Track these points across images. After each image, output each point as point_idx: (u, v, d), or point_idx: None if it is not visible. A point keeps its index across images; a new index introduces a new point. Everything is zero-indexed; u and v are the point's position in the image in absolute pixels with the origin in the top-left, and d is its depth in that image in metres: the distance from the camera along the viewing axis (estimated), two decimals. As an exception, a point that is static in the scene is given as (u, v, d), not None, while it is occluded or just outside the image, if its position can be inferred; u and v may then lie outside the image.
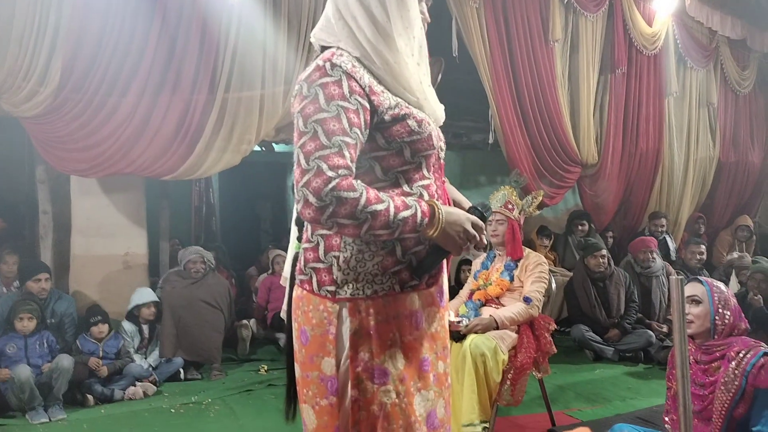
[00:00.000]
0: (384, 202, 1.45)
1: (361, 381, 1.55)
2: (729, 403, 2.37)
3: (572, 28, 6.38)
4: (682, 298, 1.77)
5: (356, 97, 1.51)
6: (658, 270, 5.70)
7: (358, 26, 1.57)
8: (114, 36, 4.46)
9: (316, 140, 1.46)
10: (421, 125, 1.59)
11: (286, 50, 4.96)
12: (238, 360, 5.42)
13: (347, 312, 1.56)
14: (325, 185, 1.41)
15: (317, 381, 1.61)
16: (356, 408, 1.56)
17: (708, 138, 7.86)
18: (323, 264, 1.59)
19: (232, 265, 7.31)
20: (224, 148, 4.84)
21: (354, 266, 1.57)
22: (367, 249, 1.57)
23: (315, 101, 1.49)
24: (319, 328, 1.59)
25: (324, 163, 1.43)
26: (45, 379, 4.02)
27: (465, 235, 1.56)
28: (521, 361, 3.29)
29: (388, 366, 1.57)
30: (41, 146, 4.51)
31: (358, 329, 1.56)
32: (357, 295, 1.56)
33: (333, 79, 1.51)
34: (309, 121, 1.49)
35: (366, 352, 1.56)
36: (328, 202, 1.41)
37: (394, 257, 1.58)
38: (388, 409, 1.56)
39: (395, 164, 1.60)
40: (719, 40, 7.73)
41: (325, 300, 1.58)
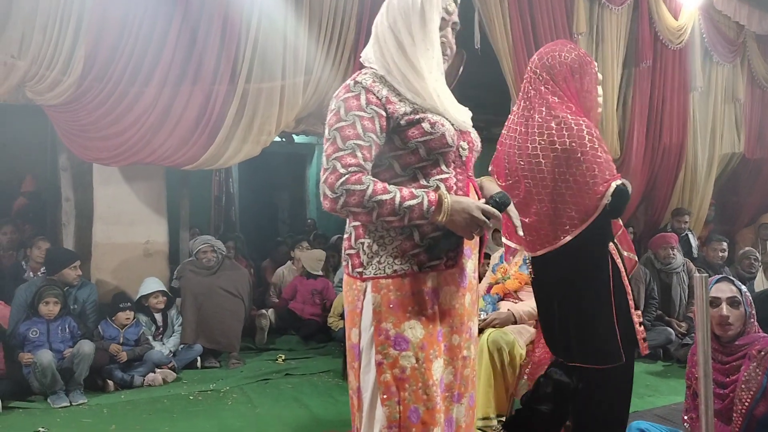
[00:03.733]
0: (390, 192, 1.72)
1: (385, 348, 1.81)
2: (750, 401, 2.35)
3: (597, 20, 6.30)
4: (706, 296, 1.76)
5: (372, 107, 1.80)
6: (679, 267, 5.63)
7: (387, 49, 1.87)
8: (136, 26, 4.49)
9: (334, 145, 1.76)
10: (434, 127, 1.83)
11: (306, 41, 4.95)
12: (256, 349, 5.46)
13: (371, 288, 1.83)
14: (337, 180, 1.71)
15: (350, 349, 1.91)
16: (381, 371, 1.81)
17: (733, 134, 7.74)
18: (354, 250, 1.88)
19: (251, 254, 7.36)
20: (244, 139, 4.85)
21: (376, 250, 1.84)
22: (387, 235, 1.83)
23: (337, 113, 1.80)
24: (352, 304, 1.89)
25: (338, 162, 1.73)
26: (66, 364, 4.08)
27: (473, 220, 1.75)
28: (539, 356, 3.27)
29: (408, 335, 1.81)
30: (64, 134, 4.56)
31: (380, 303, 1.82)
32: (379, 274, 1.83)
33: (353, 94, 1.82)
34: (331, 129, 1.79)
35: (388, 322, 1.81)
36: (339, 194, 1.71)
37: (412, 241, 1.83)
38: (408, 372, 1.80)
39: (412, 161, 1.85)
40: (747, 34, 7.59)
41: (356, 280, 1.87)
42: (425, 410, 1.80)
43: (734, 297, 2.47)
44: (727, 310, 2.45)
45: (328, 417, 3.76)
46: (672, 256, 5.61)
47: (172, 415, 3.83)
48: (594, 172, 2.39)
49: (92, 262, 5.00)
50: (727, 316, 2.44)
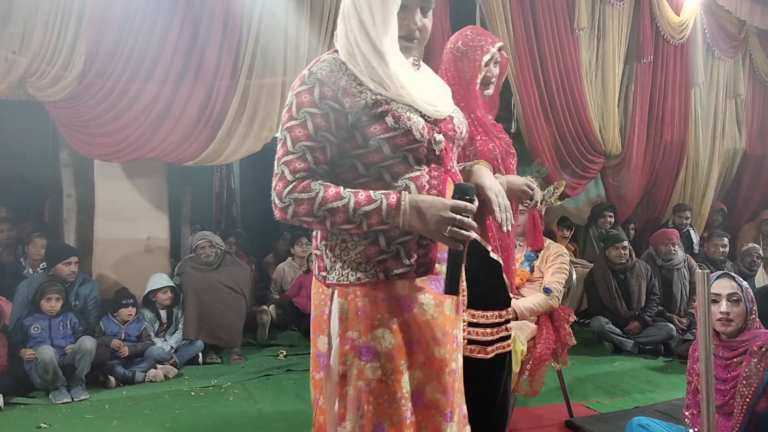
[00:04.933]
0: (343, 198, 1.57)
1: (349, 358, 1.65)
2: (751, 397, 2.35)
3: (598, 16, 6.30)
4: (707, 293, 1.75)
5: (326, 102, 1.62)
6: (680, 262, 5.63)
7: (351, 28, 1.66)
8: (137, 21, 4.49)
9: (284, 147, 1.64)
10: (399, 121, 1.63)
11: (308, 37, 4.95)
12: (258, 345, 5.46)
13: (337, 294, 1.68)
14: (284, 188, 1.60)
15: (314, 357, 1.77)
16: (343, 383, 1.67)
17: (734, 130, 7.73)
18: (319, 252, 1.74)
19: (252, 250, 7.36)
20: (246, 135, 4.85)
21: (339, 254, 1.68)
22: (350, 239, 1.66)
23: (289, 110, 1.65)
24: (318, 309, 1.75)
25: (287, 167, 1.61)
26: (68, 360, 4.08)
27: (442, 220, 1.56)
28: (540, 352, 3.28)
29: (375, 345, 1.64)
30: (65, 130, 4.56)
31: (346, 310, 1.66)
32: (342, 281, 1.66)
33: (307, 87, 1.64)
34: (282, 128, 1.66)
35: (354, 331, 1.65)
36: (287, 204, 1.60)
37: (377, 247, 1.65)
38: (373, 385, 1.64)
39: (376, 160, 1.66)
40: (748, 29, 7.58)
41: (322, 284, 1.73)
42: (390, 425, 1.64)
43: (735, 293, 2.47)
44: (728, 307, 2.45)
45: (330, 413, 3.76)
46: (673, 252, 5.61)
47: (173, 410, 3.84)
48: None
49: (93, 258, 5.01)
50: (727, 313, 2.44)
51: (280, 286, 6.24)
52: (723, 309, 2.45)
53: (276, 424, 3.61)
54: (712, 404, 1.77)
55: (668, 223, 6.86)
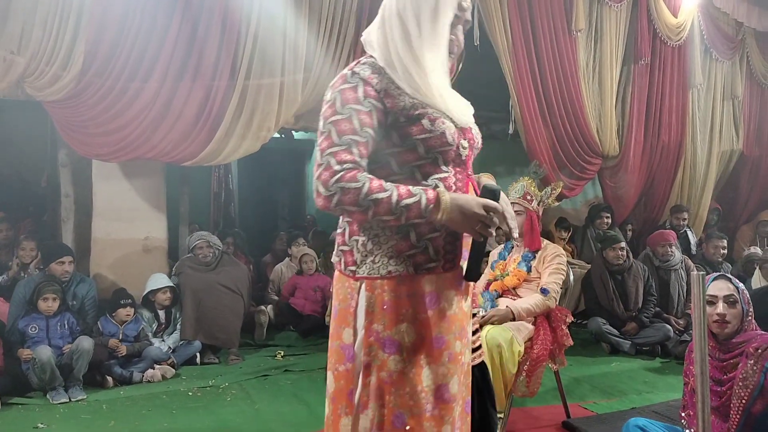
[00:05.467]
0: (387, 191, 1.64)
1: (373, 349, 1.74)
2: (747, 399, 2.36)
3: (596, 17, 6.31)
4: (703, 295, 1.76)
5: (370, 100, 1.71)
6: (677, 264, 5.64)
7: (392, 37, 1.77)
8: (136, 21, 4.49)
9: (329, 139, 1.68)
10: (435, 124, 1.74)
11: (306, 37, 4.96)
12: (255, 345, 5.47)
13: (365, 288, 1.76)
14: (331, 177, 1.63)
15: (338, 349, 1.82)
16: (367, 373, 1.74)
17: (732, 131, 7.75)
18: (347, 247, 1.81)
19: (250, 251, 7.36)
20: (244, 135, 4.86)
21: (371, 249, 1.76)
22: (383, 233, 1.75)
23: (333, 105, 1.72)
24: (344, 302, 1.81)
25: (333, 158, 1.65)
26: (66, 360, 4.08)
27: (474, 216, 1.69)
28: (537, 352, 3.29)
29: (398, 338, 1.73)
30: (64, 130, 4.56)
31: (373, 303, 1.74)
32: (372, 275, 1.75)
33: (351, 85, 1.73)
34: (326, 122, 1.71)
35: (379, 324, 1.74)
36: (334, 192, 1.63)
37: (408, 242, 1.75)
38: (395, 377, 1.73)
39: (410, 159, 1.77)
40: (746, 31, 7.60)
41: (349, 278, 1.80)
42: (410, 416, 1.73)
43: (731, 295, 2.47)
44: (724, 309, 2.45)
45: (327, 413, 3.77)
46: (670, 253, 5.62)
47: (171, 411, 3.84)
48: None
49: (91, 257, 5.01)
50: (724, 315, 2.44)
51: (278, 286, 6.25)
52: (719, 311, 2.45)
53: (273, 425, 3.62)
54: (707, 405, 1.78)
55: (665, 224, 6.87)
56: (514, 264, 3.63)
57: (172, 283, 4.92)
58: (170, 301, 4.88)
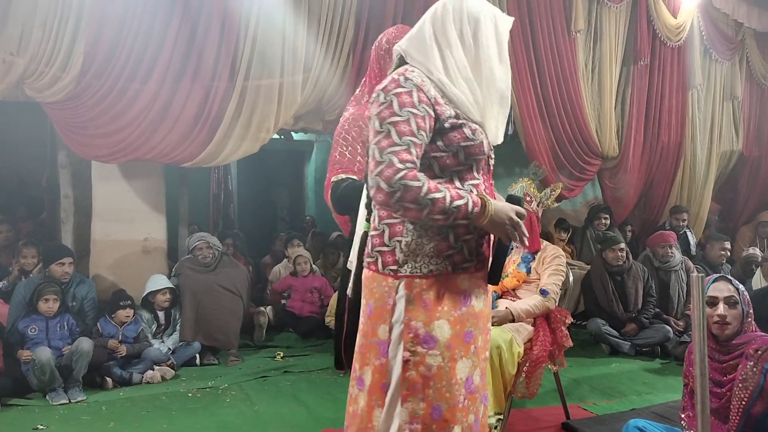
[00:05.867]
0: (442, 191, 1.76)
1: (413, 345, 1.84)
2: (747, 400, 2.36)
3: (595, 18, 6.31)
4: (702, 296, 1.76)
5: (423, 106, 1.81)
6: (677, 264, 5.64)
7: (451, 54, 1.89)
8: (135, 22, 4.49)
9: (389, 138, 1.76)
10: (475, 134, 1.88)
11: (306, 38, 4.95)
12: (255, 346, 5.47)
13: (404, 286, 1.86)
14: (394, 174, 1.72)
15: (375, 345, 1.91)
16: (407, 368, 1.84)
17: (731, 132, 7.75)
18: (387, 247, 1.89)
19: (250, 252, 7.36)
20: (243, 136, 4.85)
21: (414, 249, 1.86)
22: (425, 234, 1.86)
23: (390, 107, 1.79)
24: (380, 300, 1.89)
25: (395, 156, 1.74)
26: (65, 362, 4.08)
27: (511, 222, 1.85)
28: (537, 354, 3.28)
29: (436, 334, 1.85)
30: (63, 131, 4.56)
31: (411, 301, 1.85)
32: (415, 273, 1.85)
33: (406, 90, 1.81)
34: (384, 122, 1.78)
35: (417, 321, 1.84)
36: (396, 189, 1.72)
37: (447, 242, 1.86)
38: (434, 371, 1.84)
39: (451, 164, 1.88)
40: (745, 32, 7.60)
41: (387, 277, 1.88)
42: (447, 408, 1.85)
43: (732, 296, 2.47)
44: (725, 310, 2.45)
45: (327, 414, 3.77)
46: (670, 254, 5.62)
47: (170, 412, 3.84)
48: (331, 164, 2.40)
49: (91, 259, 5.01)
50: (724, 316, 2.44)
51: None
52: (720, 312, 2.45)
53: (273, 426, 3.61)
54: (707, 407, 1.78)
55: (665, 225, 6.87)
56: (513, 265, 3.63)
57: (171, 285, 4.92)
58: (170, 302, 4.88)
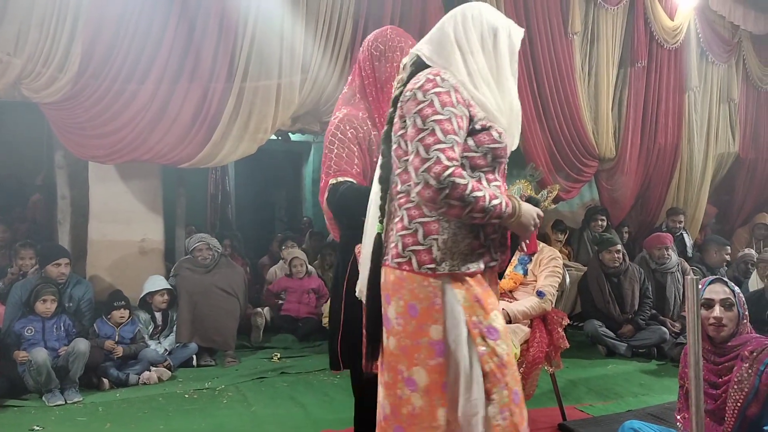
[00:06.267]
0: (482, 190, 1.80)
1: (482, 339, 1.87)
2: (742, 402, 2.36)
3: (592, 20, 6.32)
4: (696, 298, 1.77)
5: (461, 107, 1.85)
6: (674, 266, 5.65)
7: (474, 60, 1.92)
8: (133, 23, 4.49)
9: (434, 136, 1.79)
10: (501, 136, 1.91)
11: (303, 40, 4.95)
12: (252, 347, 5.47)
13: (452, 285, 1.87)
14: (443, 171, 1.75)
15: (427, 345, 1.87)
16: (484, 361, 1.86)
17: (728, 134, 7.77)
18: (423, 246, 1.87)
19: (247, 253, 7.36)
20: (241, 137, 4.85)
21: (450, 246, 1.87)
22: (460, 232, 1.88)
23: (431, 105, 1.82)
24: (425, 300, 1.87)
25: (442, 154, 1.77)
26: (62, 363, 4.08)
27: (534, 222, 1.94)
28: (533, 355, 3.29)
29: (496, 325, 1.90)
30: (60, 132, 4.55)
31: (466, 298, 1.87)
32: (454, 270, 1.86)
33: (444, 90, 1.84)
34: (428, 120, 1.81)
35: (476, 315, 1.87)
36: (445, 185, 1.75)
37: (479, 241, 1.91)
38: (505, 359, 1.89)
39: (480, 165, 1.91)
40: (742, 34, 7.62)
41: (427, 277, 1.87)
42: (521, 390, 1.94)
43: (728, 299, 2.47)
44: (721, 312, 2.45)
45: (324, 415, 3.77)
46: (667, 256, 5.63)
47: (167, 413, 3.84)
48: (327, 166, 2.36)
49: (88, 259, 5.01)
50: (720, 318, 2.44)
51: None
52: (716, 314, 2.45)
53: (270, 427, 3.61)
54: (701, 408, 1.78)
55: (662, 227, 6.88)
56: (510, 267, 3.63)
57: (169, 285, 4.92)
58: (167, 303, 4.88)
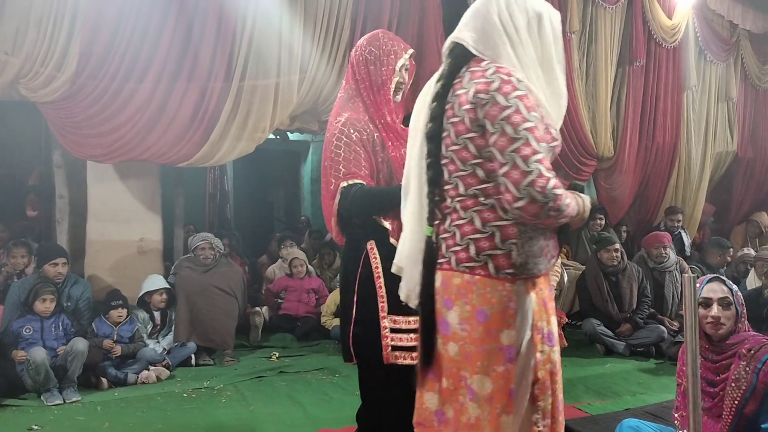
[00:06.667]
0: (568, 196, 1.76)
1: (542, 345, 1.84)
2: (739, 400, 2.37)
3: (590, 19, 6.33)
4: (694, 297, 1.77)
5: (537, 109, 1.78)
6: (672, 265, 5.66)
7: (523, 50, 1.84)
8: (131, 23, 4.49)
9: (530, 146, 1.71)
10: (557, 135, 1.87)
11: (302, 39, 4.96)
12: (250, 347, 5.47)
13: (526, 289, 1.83)
14: (547, 184, 1.69)
15: (495, 351, 1.81)
16: (538, 368, 1.83)
17: (726, 133, 7.78)
18: (501, 251, 1.81)
19: (246, 252, 7.36)
20: (239, 136, 4.86)
21: (527, 250, 1.82)
22: (534, 235, 1.83)
23: (518, 112, 1.73)
24: (499, 305, 1.81)
25: (542, 165, 1.70)
26: (60, 362, 4.07)
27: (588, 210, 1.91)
28: (531, 354, 3.28)
29: (553, 330, 1.89)
30: (58, 131, 4.55)
31: (536, 302, 1.84)
32: (532, 274, 1.83)
33: (524, 92, 1.76)
34: (519, 128, 1.72)
35: (541, 321, 1.85)
36: (549, 199, 1.69)
37: (546, 240, 1.86)
38: (557, 366, 1.90)
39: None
40: (740, 33, 7.64)
41: (503, 281, 1.81)
42: (562, 398, 1.94)
43: (726, 297, 2.47)
44: (719, 311, 2.46)
45: (322, 414, 3.77)
46: (665, 254, 5.64)
47: (165, 412, 3.83)
48: (335, 169, 2.37)
49: (86, 259, 5.00)
50: (718, 317, 2.45)
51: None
52: (714, 313, 2.46)
53: (268, 426, 3.61)
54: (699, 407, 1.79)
55: (660, 226, 6.89)
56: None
57: (167, 285, 4.91)
58: (165, 302, 4.88)
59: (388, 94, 2.45)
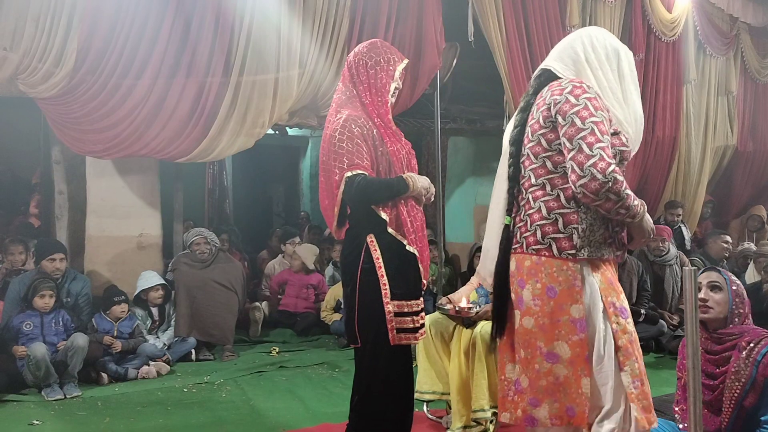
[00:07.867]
0: (629, 189, 2.03)
1: (616, 318, 2.12)
2: (739, 392, 2.37)
3: (590, 13, 6.29)
4: (694, 290, 1.78)
5: (603, 111, 2.09)
6: (672, 259, 5.65)
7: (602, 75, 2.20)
8: (129, 18, 4.47)
9: (594, 135, 2.01)
10: (628, 141, 2.18)
11: (300, 33, 4.94)
12: (250, 342, 5.48)
13: (590, 269, 2.13)
14: (608, 167, 1.98)
15: (568, 323, 2.11)
16: (618, 337, 2.11)
17: (726, 127, 7.76)
18: (563, 234, 2.11)
19: (245, 247, 7.36)
20: (238, 132, 4.84)
21: (588, 235, 2.11)
22: (595, 223, 2.12)
23: (587, 108, 2.05)
24: (566, 282, 2.11)
25: (604, 152, 2.00)
26: (60, 357, 4.08)
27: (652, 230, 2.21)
28: (532, 348, 3.29)
29: (625, 305, 2.16)
30: (57, 127, 4.54)
31: (602, 281, 2.13)
32: (592, 256, 2.12)
33: (592, 95, 2.10)
34: (586, 121, 2.03)
35: (611, 297, 2.13)
36: (609, 180, 1.97)
37: (609, 232, 2.15)
38: (634, 335, 2.15)
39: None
40: (740, 27, 7.61)
41: (567, 261, 2.11)
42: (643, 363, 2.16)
43: (715, 281, 2.49)
44: (706, 294, 2.48)
45: (322, 409, 3.78)
46: (665, 248, 5.63)
47: (166, 407, 3.84)
48: (339, 161, 2.49)
49: (86, 255, 5.00)
50: (705, 300, 2.47)
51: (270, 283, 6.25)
52: (701, 295, 2.47)
53: (268, 421, 3.62)
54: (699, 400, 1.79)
55: (660, 220, 6.88)
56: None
57: (163, 281, 4.90)
58: (162, 298, 4.87)
59: (386, 97, 2.62)
